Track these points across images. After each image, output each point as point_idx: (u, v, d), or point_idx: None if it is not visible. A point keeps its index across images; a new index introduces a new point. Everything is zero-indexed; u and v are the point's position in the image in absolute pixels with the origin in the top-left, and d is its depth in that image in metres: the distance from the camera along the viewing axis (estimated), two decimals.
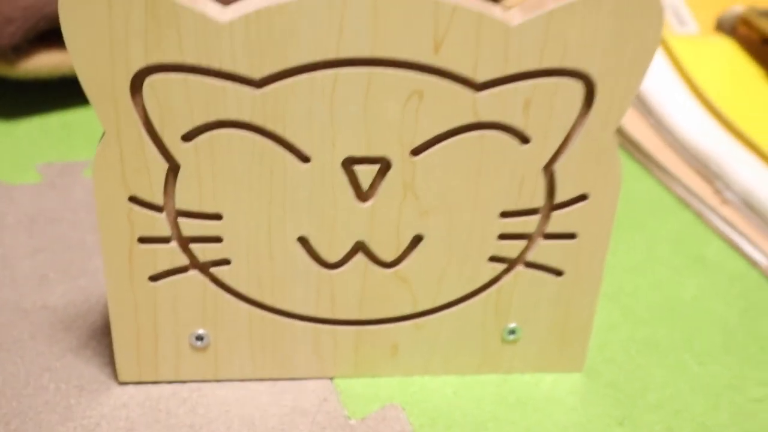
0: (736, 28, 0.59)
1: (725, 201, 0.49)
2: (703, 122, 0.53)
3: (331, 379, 0.36)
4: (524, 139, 0.32)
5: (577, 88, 0.31)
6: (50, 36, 0.54)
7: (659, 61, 0.58)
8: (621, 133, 0.56)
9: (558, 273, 0.35)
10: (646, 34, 0.30)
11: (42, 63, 0.54)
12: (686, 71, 0.56)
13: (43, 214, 0.46)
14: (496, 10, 0.29)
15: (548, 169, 0.32)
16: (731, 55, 0.58)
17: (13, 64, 0.54)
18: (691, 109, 0.55)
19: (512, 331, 0.36)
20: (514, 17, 0.29)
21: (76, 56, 0.29)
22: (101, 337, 0.38)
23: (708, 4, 0.62)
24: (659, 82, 0.56)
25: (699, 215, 0.49)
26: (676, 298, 0.42)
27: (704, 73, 0.56)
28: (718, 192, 0.49)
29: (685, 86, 0.56)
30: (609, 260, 0.44)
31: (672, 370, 0.38)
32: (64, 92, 0.58)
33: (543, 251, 0.34)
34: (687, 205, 0.50)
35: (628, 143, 0.55)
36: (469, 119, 0.31)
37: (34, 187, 0.49)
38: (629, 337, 0.40)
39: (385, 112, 0.30)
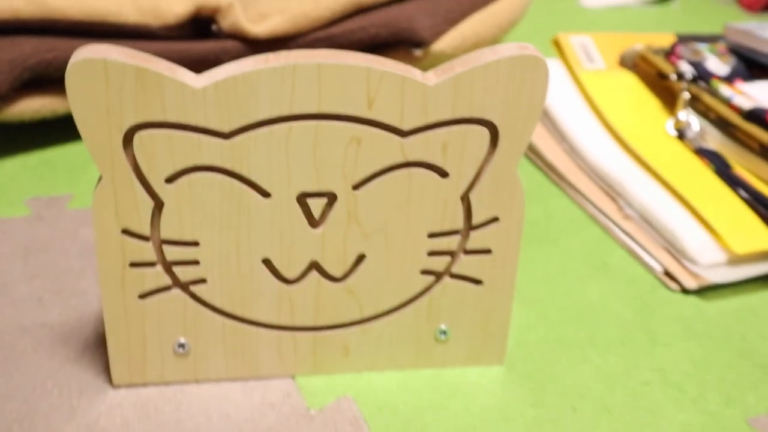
0: (636, 64, 0.67)
1: (626, 216, 0.56)
2: (609, 147, 0.61)
3: (293, 377, 0.43)
4: (444, 174, 0.38)
5: (483, 133, 0.38)
6: (33, 84, 0.60)
7: (571, 93, 0.65)
8: (539, 157, 0.64)
9: (478, 282, 0.41)
10: (535, 89, 0.37)
11: (25, 108, 0.60)
12: (594, 102, 0.64)
13: (34, 244, 0.52)
14: (416, 73, 0.36)
15: (465, 197, 0.39)
16: (633, 87, 0.66)
17: None
18: (599, 136, 0.62)
19: (443, 332, 0.42)
20: (431, 79, 0.36)
21: (79, 117, 0.35)
22: (95, 349, 0.44)
23: (613, 43, 0.69)
24: (572, 112, 0.64)
25: (605, 229, 0.56)
26: (583, 301, 0.50)
27: (610, 104, 0.63)
28: (620, 209, 0.56)
29: (593, 115, 0.63)
30: (527, 271, 0.52)
31: (577, 362, 0.45)
32: (43, 131, 0.64)
33: (465, 264, 0.41)
34: (596, 221, 0.57)
35: (545, 166, 0.63)
36: (398, 159, 0.38)
37: (25, 219, 0.54)
38: (543, 336, 0.47)
39: (331, 155, 0.37)
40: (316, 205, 0.38)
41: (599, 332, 0.47)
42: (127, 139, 0.36)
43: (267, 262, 0.39)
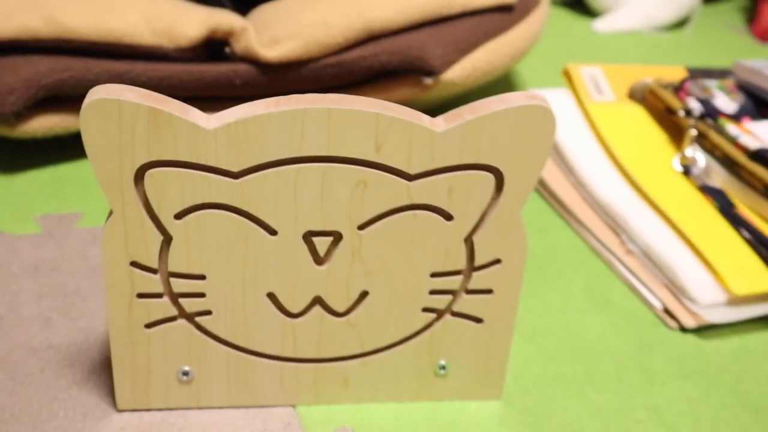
0: (645, 98, 0.67)
1: (629, 251, 0.56)
2: (614, 181, 0.61)
3: (294, 406, 0.43)
4: (448, 217, 0.39)
5: (489, 178, 0.38)
6: (46, 103, 0.61)
7: (580, 125, 0.66)
8: (545, 188, 0.64)
9: (478, 320, 0.42)
10: (541, 137, 0.38)
11: (39, 125, 0.61)
12: (602, 134, 0.64)
13: (43, 263, 0.53)
14: (424, 119, 0.37)
15: (468, 240, 0.40)
16: (641, 120, 0.66)
17: (13, 127, 0.60)
18: (605, 169, 0.62)
19: (442, 367, 0.43)
20: (439, 125, 0.37)
21: (93, 155, 0.36)
22: (101, 372, 0.45)
23: (623, 75, 0.70)
24: (579, 144, 0.64)
25: (608, 263, 0.57)
26: (582, 337, 0.50)
27: (617, 137, 0.64)
28: (623, 243, 0.57)
29: (600, 148, 0.64)
30: (527, 304, 0.52)
31: (573, 398, 0.46)
32: (55, 148, 0.65)
33: (466, 303, 0.42)
34: (598, 254, 0.58)
35: (551, 197, 0.64)
36: (404, 202, 0.38)
37: (35, 237, 0.55)
38: (541, 371, 0.47)
39: (338, 197, 0.38)
40: (322, 244, 0.39)
41: (597, 368, 0.48)
42: (139, 176, 0.37)
43: (272, 296, 0.40)
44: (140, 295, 0.39)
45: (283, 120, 0.36)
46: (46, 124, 0.61)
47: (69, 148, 0.66)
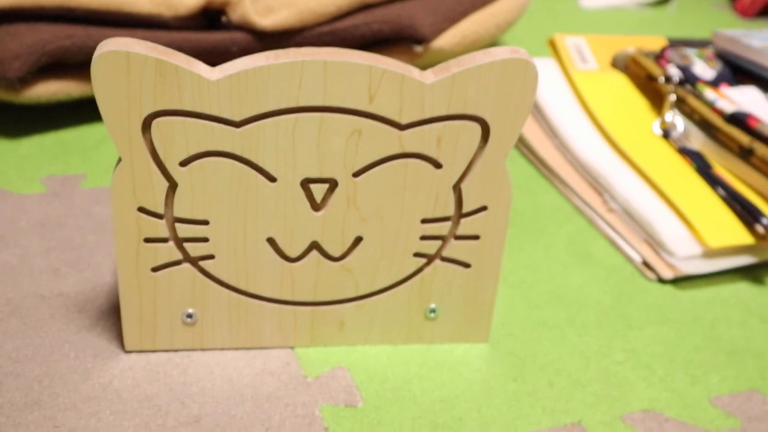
0: (627, 66, 0.70)
1: (610, 209, 0.59)
2: (597, 144, 0.64)
3: (292, 348, 0.46)
4: (438, 165, 0.41)
5: (475, 128, 0.41)
6: (49, 69, 0.63)
7: (564, 92, 0.68)
8: (531, 151, 0.67)
9: (466, 265, 0.45)
10: (525, 90, 0.40)
11: (42, 91, 0.63)
12: (585, 101, 0.67)
13: (50, 220, 0.55)
14: (415, 72, 0.40)
15: (456, 187, 0.42)
16: (623, 88, 0.68)
17: (18, 92, 0.62)
18: (588, 133, 0.65)
19: (432, 310, 0.45)
20: (428, 77, 0.39)
21: (103, 105, 0.38)
22: (108, 317, 0.47)
23: (606, 45, 0.72)
24: (563, 110, 0.67)
25: (590, 221, 0.59)
26: (564, 287, 0.53)
27: (600, 103, 0.66)
28: (605, 202, 0.60)
29: (584, 113, 0.66)
30: (514, 257, 0.55)
31: (556, 341, 0.48)
32: (58, 114, 0.67)
33: (454, 249, 0.44)
34: (581, 213, 0.60)
35: (537, 160, 0.66)
36: (396, 150, 0.41)
37: (41, 196, 0.57)
38: (526, 317, 0.50)
39: (333, 145, 0.40)
40: (319, 190, 0.41)
41: (578, 315, 0.50)
42: (146, 125, 0.39)
43: (271, 241, 0.42)
44: (147, 240, 0.41)
45: (282, 72, 0.38)
46: (49, 90, 0.63)
47: (72, 113, 0.67)
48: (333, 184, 0.41)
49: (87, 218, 0.55)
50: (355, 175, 0.41)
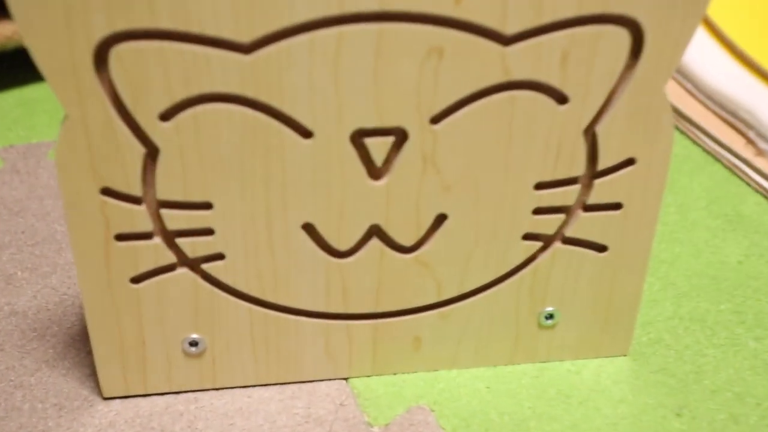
0: None
1: (760, 152, 0.46)
2: (729, 68, 0.52)
3: (347, 380, 0.35)
4: (562, 99, 0.29)
5: (622, 36, 0.28)
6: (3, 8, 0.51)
7: None
8: None
9: (601, 249, 0.33)
10: None
11: None
12: (710, 18, 0.54)
13: (6, 204, 0.44)
14: None
15: (589, 131, 0.30)
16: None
17: None
18: (714, 54, 0.53)
19: (549, 316, 0.34)
20: None
21: (24, 25, 0.25)
22: (81, 345, 0.35)
23: None
24: None
25: (731, 169, 0.47)
26: (718, 263, 0.40)
27: (726, 16, 0.54)
28: (751, 143, 0.47)
29: (704, 29, 0.54)
30: None
31: (726, 349, 0.35)
32: (20, 66, 0.56)
33: (584, 225, 0.32)
34: (717, 159, 0.48)
35: None
36: (497, 78, 0.29)
37: None
38: (674, 313, 0.37)
39: (399, 75, 0.28)
40: (378, 148, 0.29)
41: (748, 306, 0.38)
42: (101, 58, 0.26)
43: (309, 229, 0.31)
44: (120, 237, 0.30)
45: None
46: (3, 33, 0.52)
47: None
48: (400, 136, 0.29)
49: (54, 201, 0.44)
50: (434, 120, 0.29)
